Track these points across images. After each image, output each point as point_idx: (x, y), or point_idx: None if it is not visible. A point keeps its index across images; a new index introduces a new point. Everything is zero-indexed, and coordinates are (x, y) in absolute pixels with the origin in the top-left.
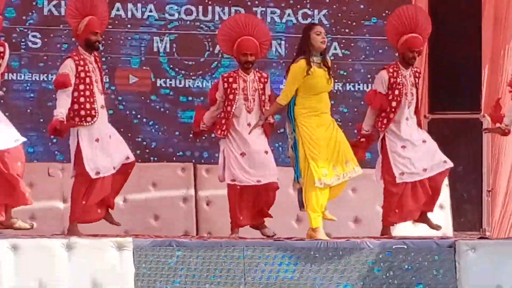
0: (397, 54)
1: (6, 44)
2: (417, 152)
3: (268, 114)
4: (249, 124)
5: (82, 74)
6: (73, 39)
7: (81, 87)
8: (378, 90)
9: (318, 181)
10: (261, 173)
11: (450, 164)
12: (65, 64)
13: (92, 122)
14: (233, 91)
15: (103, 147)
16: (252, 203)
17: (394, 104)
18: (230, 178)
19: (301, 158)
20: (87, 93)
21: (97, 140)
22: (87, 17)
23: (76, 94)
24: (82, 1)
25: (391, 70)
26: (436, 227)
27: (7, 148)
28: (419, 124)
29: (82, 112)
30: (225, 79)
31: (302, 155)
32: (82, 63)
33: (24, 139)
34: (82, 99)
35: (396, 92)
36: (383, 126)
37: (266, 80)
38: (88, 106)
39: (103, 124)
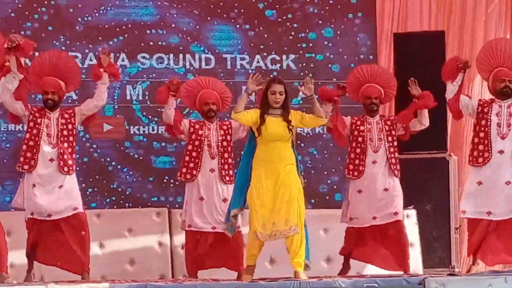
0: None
1: None
2: (372, 200)
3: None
4: (211, 170)
5: (31, 124)
6: None
7: (27, 135)
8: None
9: (254, 233)
10: (218, 220)
11: (399, 217)
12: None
13: (28, 170)
14: (199, 137)
15: (40, 193)
16: (209, 249)
17: (358, 150)
18: (188, 224)
19: (249, 205)
20: (31, 143)
21: (34, 185)
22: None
23: (24, 141)
24: (40, 64)
25: (355, 119)
26: None
27: None
28: (393, 167)
29: (21, 159)
30: (192, 124)
31: (249, 202)
32: (37, 115)
33: None
34: (24, 147)
35: (360, 139)
36: (350, 172)
37: (228, 126)
38: (28, 154)
39: (49, 175)
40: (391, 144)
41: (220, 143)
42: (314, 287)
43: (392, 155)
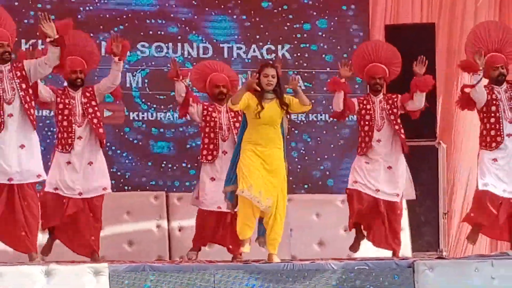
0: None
1: None
2: (377, 173)
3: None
4: (224, 152)
5: (61, 106)
6: None
7: (59, 117)
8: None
9: (241, 190)
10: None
11: (397, 199)
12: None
13: (68, 150)
14: (213, 119)
15: (72, 170)
16: (215, 227)
17: (366, 128)
18: (200, 201)
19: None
20: (65, 123)
21: (68, 163)
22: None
23: (58, 123)
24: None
25: (361, 98)
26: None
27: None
28: (402, 146)
29: (61, 140)
30: (205, 107)
31: (238, 172)
32: (63, 96)
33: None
34: (62, 129)
35: (367, 117)
36: (362, 151)
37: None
38: (65, 135)
39: (81, 153)
40: (395, 121)
41: (231, 126)
42: (307, 269)
43: (400, 132)
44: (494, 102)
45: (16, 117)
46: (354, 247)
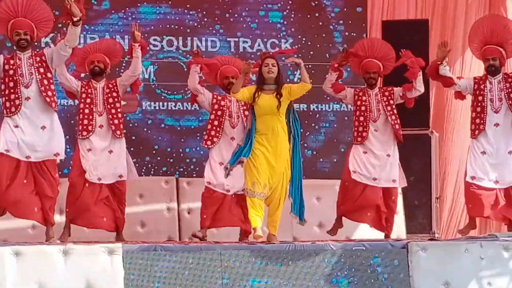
0: None
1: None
2: (374, 162)
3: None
4: (232, 138)
5: (84, 95)
6: None
7: (81, 105)
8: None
9: (246, 190)
10: (232, 184)
11: (396, 185)
12: None
13: (87, 136)
14: (221, 107)
15: (92, 157)
16: (219, 208)
17: (361, 118)
18: (207, 180)
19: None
20: (86, 111)
21: (89, 150)
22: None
23: (80, 110)
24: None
25: (357, 90)
26: None
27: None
28: (395, 136)
29: (80, 127)
30: (215, 96)
31: (245, 166)
32: (86, 87)
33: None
34: (81, 116)
35: (363, 108)
36: (356, 140)
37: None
38: (85, 122)
39: (100, 140)
40: (391, 112)
41: (240, 113)
42: (307, 249)
43: (395, 122)
44: (481, 92)
45: (34, 100)
46: (333, 231)
